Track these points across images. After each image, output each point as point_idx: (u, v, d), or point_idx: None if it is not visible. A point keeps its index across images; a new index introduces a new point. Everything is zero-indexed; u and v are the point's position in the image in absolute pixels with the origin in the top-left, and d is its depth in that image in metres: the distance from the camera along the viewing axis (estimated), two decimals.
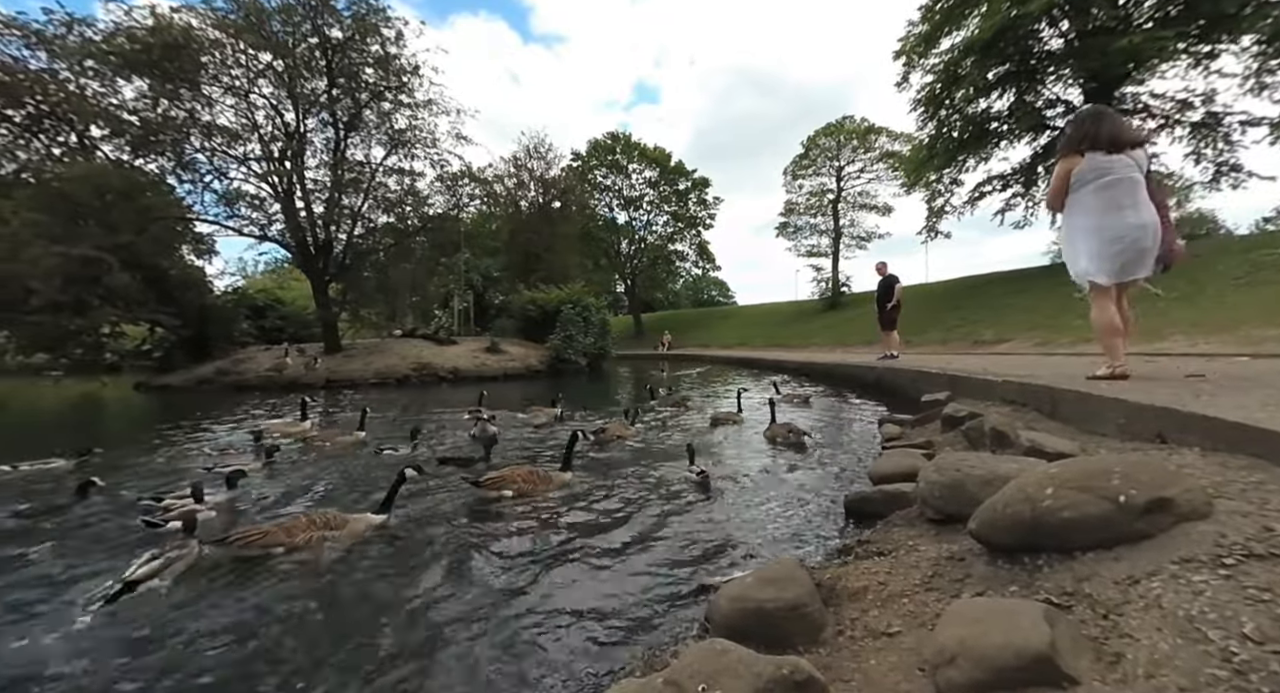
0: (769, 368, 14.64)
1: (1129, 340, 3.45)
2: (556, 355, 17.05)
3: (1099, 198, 3.05)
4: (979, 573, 1.45)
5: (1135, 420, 2.31)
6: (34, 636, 1.75)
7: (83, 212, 12.94)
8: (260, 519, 2.83)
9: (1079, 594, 1.12)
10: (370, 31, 15.76)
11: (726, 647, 1.06)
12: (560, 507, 3.06)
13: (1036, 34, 16.48)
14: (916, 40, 18.50)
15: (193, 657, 1.64)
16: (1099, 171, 3.04)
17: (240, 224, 16.55)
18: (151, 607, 1.93)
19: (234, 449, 4.94)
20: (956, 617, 1.08)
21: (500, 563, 2.31)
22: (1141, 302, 11.24)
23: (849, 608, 1.53)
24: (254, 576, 2.22)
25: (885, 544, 1.98)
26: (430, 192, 18.85)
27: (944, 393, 4.92)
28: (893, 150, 32.09)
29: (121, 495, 3.35)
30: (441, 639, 1.70)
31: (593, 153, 37.98)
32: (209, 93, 15.12)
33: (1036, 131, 18.64)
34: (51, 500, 3.27)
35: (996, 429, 2.92)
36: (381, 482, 3.30)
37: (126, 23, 14.01)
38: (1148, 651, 0.90)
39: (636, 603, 1.90)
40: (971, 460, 2.02)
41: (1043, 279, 16.19)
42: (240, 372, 14.44)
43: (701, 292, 63.12)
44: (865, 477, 3.32)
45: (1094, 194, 3.07)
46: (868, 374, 8.62)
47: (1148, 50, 13.68)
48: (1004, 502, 1.41)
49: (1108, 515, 1.22)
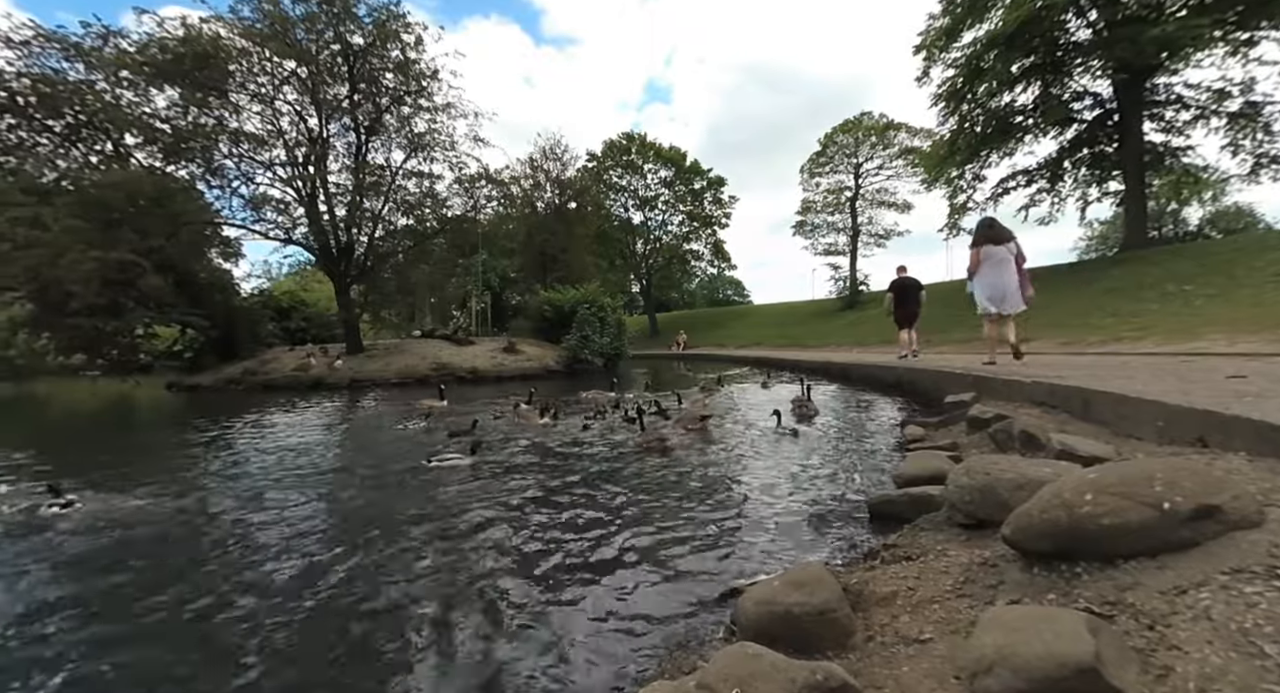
0: (786, 367, 14.51)
1: (1007, 345, 5.68)
2: (573, 355, 17.13)
3: (988, 267, 5.67)
4: (1013, 580, 1.42)
5: (1175, 423, 2.24)
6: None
7: (117, 218, 13.41)
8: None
9: (1121, 604, 1.09)
10: (390, 37, 16.03)
11: (758, 651, 1.06)
12: (577, 506, 3.07)
13: (1063, 25, 16.02)
14: (937, 34, 18.14)
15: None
16: (989, 255, 5.66)
17: (266, 228, 17.01)
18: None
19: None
20: (993, 624, 1.06)
21: (522, 562, 2.33)
22: (1173, 299, 10.80)
23: (878, 614, 1.51)
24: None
25: (912, 549, 1.95)
26: (448, 194, 19.12)
27: (968, 394, 4.82)
28: (912, 146, 31.48)
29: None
30: (462, 638, 1.73)
31: (608, 153, 38.02)
32: (236, 100, 15.58)
33: (1063, 125, 18.12)
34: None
35: (1026, 432, 2.86)
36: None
37: (159, 34, 14.51)
38: (1199, 664, 0.87)
39: (658, 604, 1.90)
40: (1002, 464, 1.98)
41: (1068, 276, 15.75)
42: (267, 372, 14.82)
43: (717, 291, 62.78)
44: (887, 479, 3.27)
45: (988, 265, 5.67)
46: (887, 374, 8.48)
47: (1182, 39, 13.20)
48: (1040, 507, 1.38)
49: (1151, 523, 1.19)
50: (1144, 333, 8.98)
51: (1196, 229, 34.35)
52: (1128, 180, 16.96)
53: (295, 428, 6.90)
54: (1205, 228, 34.36)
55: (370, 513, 3.14)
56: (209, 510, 3.29)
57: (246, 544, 2.70)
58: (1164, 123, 17.25)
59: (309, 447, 5.43)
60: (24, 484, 3.98)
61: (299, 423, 7.44)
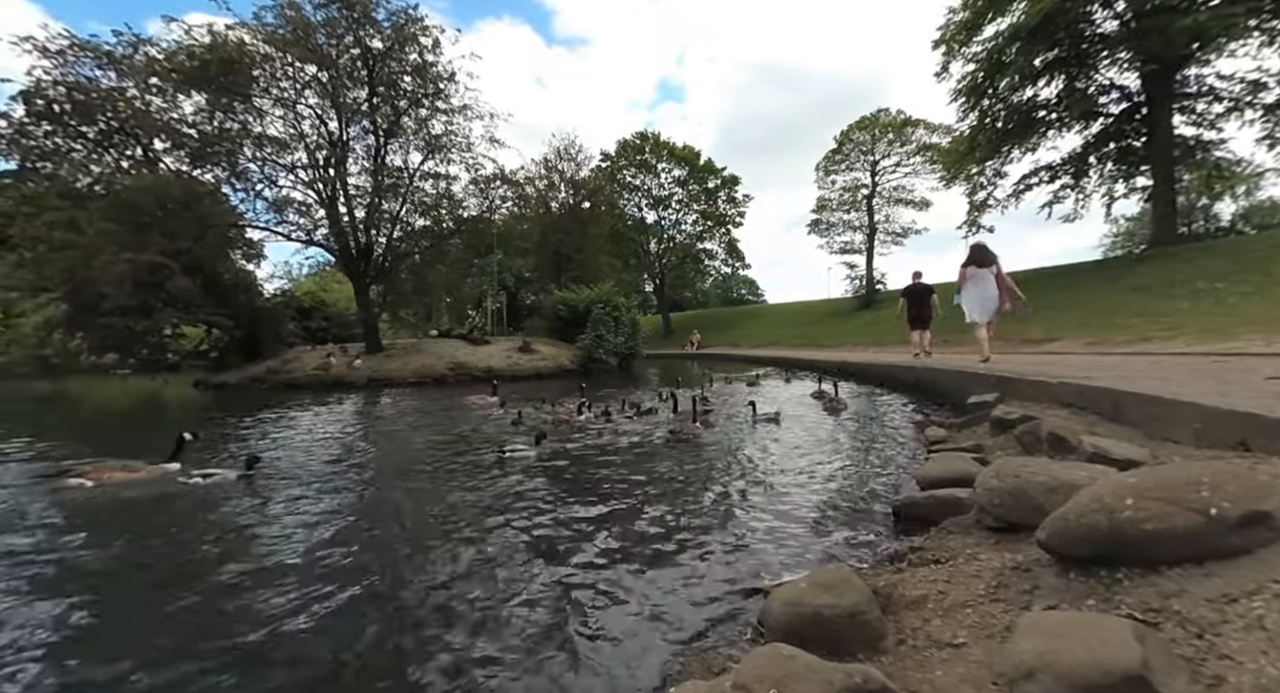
0: (802, 366, 14.39)
1: (995, 344, 7.18)
2: (588, 355, 17.20)
3: (973, 283, 6.88)
4: (1049, 585, 1.40)
5: (1213, 426, 2.17)
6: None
7: (147, 221, 13.82)
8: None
9: (1167, 611, 1.06)
10: (409, 40, 16.25)
11: (793, 653, 1.06)
12: (601, 504, 3.09)
13: (1088, 16, 15.61)
14: (957, 28, 17.80)
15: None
16: (974, 274, 6.86)
17: (289, 229, 17.37)
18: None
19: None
20: (1033, 630, 1.04)
21: (543, 556, 2.35)
22: (1205, 297, 10.48)
23: (908, 617, 1.50)
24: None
25: (941, 552, 1.93)
26: (464, 195, 19.33)
27: (992, 395, 4.73)
28: (931, 143, 30.97)
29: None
30: (487, 635, 1.75)
31: (621, 153, 38.05)
32: (260, 105, 15.92)
33: (1088, 119, 17.66)
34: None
35: (1055, 434, 2.80)
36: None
37: (186, 41, 14.91)
38: (1253, 675, 0.85)
39: (681, 603, 1.90)
40: (1033, 467, 1.95)
41: (1093, 274, 15.36)
42: (289, 371, 15.13)
43: (731, 290, 62.50)
44: (909, 479, 3.23)
45: (972, 283, 6.88)
46: (907, 374, 8.36)
47: (1214, 28, 12.77)
48: (1077, 511, 1.36)
49: (1197, 529, 1.16)
50: (1174, 332, 8.72)
51: (1229, 224, 33.26)
52: (1156, 175, 16.47)
53: (362, 421, 7.51)
54: (1238, 223, 33.26)
55: (452, 499, 3.32)
56: (373, 493, 3.60)
57: (332, 528, 2.79)
58: (1195, 115, 16.72)
59: (390, 436, 6.06)
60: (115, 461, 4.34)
61: (361, 416, 8.04)
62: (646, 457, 4.41)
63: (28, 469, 4.46)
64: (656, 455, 4.44)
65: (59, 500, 3.48)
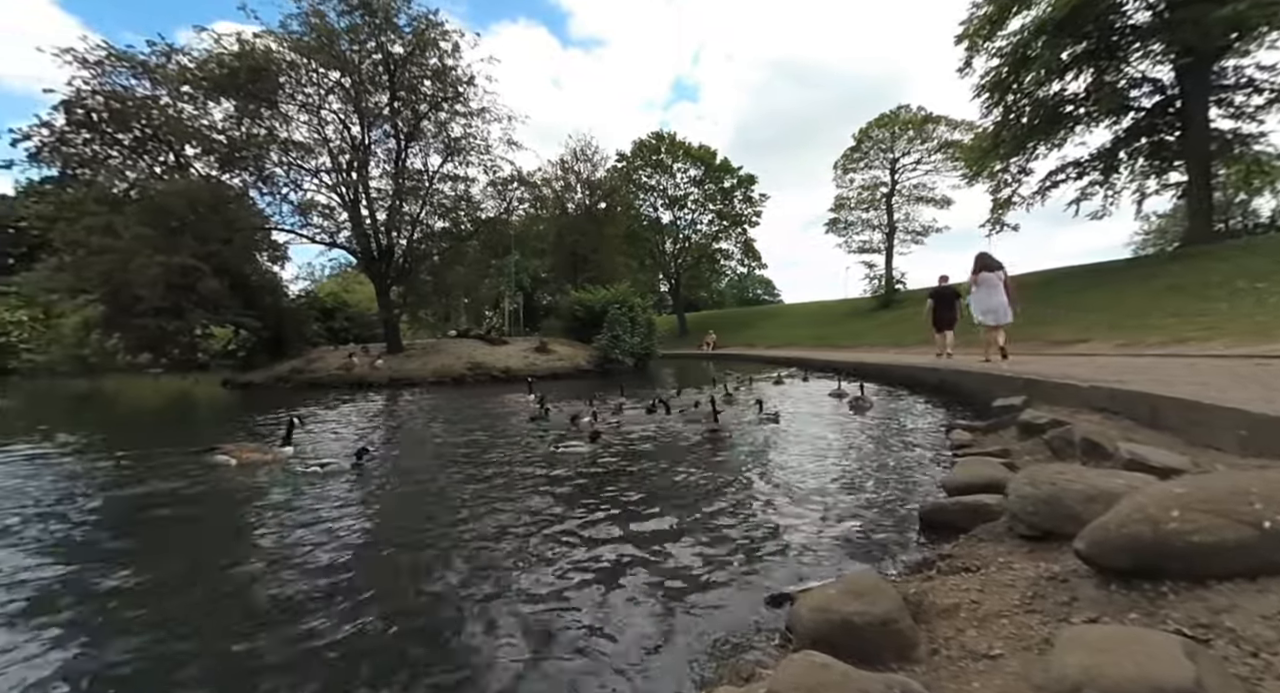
0: (818, 367, 14.24)
1: (998, 348, 7.46)
2: (604, 355, 17.26)
3: (982, 289, 7.43)
4: (1088, 596, 1.37)
5: (1260, 433, 2.10)
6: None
7: (179, 224, 14.27)
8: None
9: (1218, 628, 1.03)
10: (429, 45, 16.51)
11: (826, 661, 1.05)
12: (616, 508, 3.10)
13: (1119, 8, 15.16)
14: (981, 22, 17.45)
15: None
16: (984, 280, 7.41)
17: (313, 232, 17.80)
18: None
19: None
20: (1076, 644, 1.02)
21: (560, 560, 2.37)
22: (1245, 297, 10.13)
23: (941, 626, 1.47)
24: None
25: (972, 560, 1.89)
26: (482, 196, 19.55)
27: (1019, 398, 4.63)
28: (953, 140, 30.39)
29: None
30: (508, 639, 1.77)
31: (637, 153, 38.08)
32: (285, 110, 16.33)
33: (1118, 114, 17.16)
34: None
35: (1089, 439, 2.73)
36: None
37: (216, 49, 15.36)
38: None
39: (706, 606, 1.90)
40: (1068, 474, 1.90)
41: (1124, 273, 14.90)
42: (313, 370, 15.48)
43: (746, 290, 62.07)
44: (935, 484, 3.18)
45: (981, 289, 7.43)
46: (930, 376, 8.22)
47: (1254, 18, 12.32)
48: (1118, 521, 1.32)
49: (1250, 542, 1.12)
50: (1212, 333, 8.41)
51: (1268, 221, 31.91)
52: (1191, 170, 15.92)
53: (415, 416, 8.05)
54: (1278, 220, 31.88)
55: (531, 502, 3.39)
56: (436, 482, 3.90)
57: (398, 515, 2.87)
58: (1233, 108, 16.11)
59: (451, 430, 6.33)
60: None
61: (408, 413, 8.50)
62: (681, 454, 4.54)
63: (178, 447, 5.02)
64: (690, 453, 4.56)
65: (213, 477, 4.04)
